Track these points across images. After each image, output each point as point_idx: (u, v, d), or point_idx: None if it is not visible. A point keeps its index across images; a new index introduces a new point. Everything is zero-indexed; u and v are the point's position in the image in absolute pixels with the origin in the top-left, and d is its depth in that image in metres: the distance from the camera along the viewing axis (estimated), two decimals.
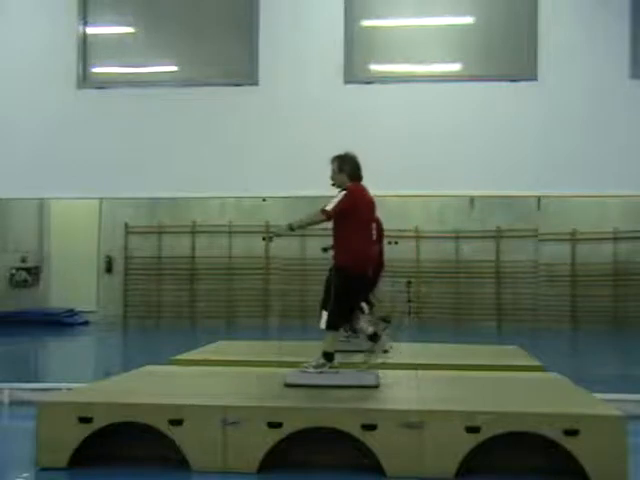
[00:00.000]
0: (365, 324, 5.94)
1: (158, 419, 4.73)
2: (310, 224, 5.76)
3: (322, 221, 5.59)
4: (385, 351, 6.25)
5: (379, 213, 6.21)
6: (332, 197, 5.67)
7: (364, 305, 6.84)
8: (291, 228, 5.59)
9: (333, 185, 5.80)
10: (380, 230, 7.28)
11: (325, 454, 4.82)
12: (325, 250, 6.61)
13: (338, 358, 5.81)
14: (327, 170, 5.81)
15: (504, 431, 4.55)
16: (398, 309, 8.08)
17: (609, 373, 9.88)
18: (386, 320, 7.64)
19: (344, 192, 5.63)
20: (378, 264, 7.45)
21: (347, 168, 5.74)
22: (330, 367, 5.66)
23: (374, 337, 5.86)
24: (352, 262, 5.62)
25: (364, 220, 5.75)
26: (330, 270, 6.24)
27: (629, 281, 17.28)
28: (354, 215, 5.61)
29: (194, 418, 4.72)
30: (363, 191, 5.79)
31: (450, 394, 5.36)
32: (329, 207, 5.54)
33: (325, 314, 5.78)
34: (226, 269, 18.20)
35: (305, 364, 5.70)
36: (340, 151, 5.81)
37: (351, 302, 5.75)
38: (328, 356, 5.66)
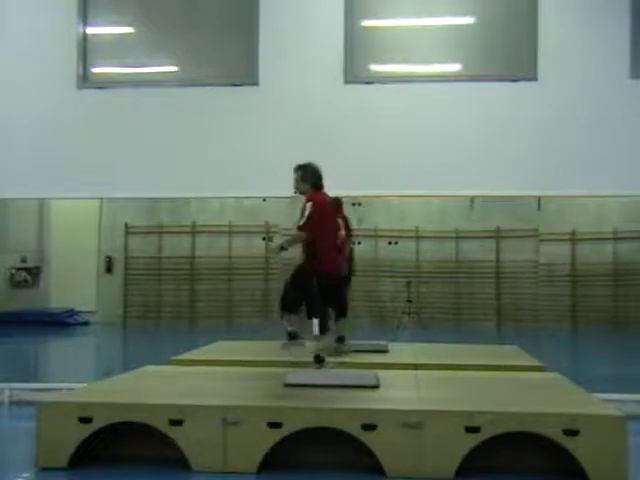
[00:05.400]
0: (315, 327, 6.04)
1: (158, 419, 4.73)
2: (296, 243, 6.07)
3: (305, 238, 5.92)
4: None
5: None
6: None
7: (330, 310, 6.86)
8: (282, 247, 6.01)
9: (296, 193, 6.16)
10: (347, 229, 7.58)
11: (325, 454, 4.82)
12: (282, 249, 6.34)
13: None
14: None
15: (504, 431, 4.55)
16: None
17: (609, 373, 9.88)
18: (341, 339, 7.47)
19: (309, 204, 5.94)
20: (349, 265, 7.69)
21: (309, 177, 6.09)
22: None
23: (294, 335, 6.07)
24: (320, 265, 5.98)
25: (328, 225, 6.19)
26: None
27: (629, 281, 17.29)
28: (320, 223, 5.97)
29: (194, 418, 4.72)
30: (324, 198, 6.17)
31: (450, 394, 5.36)
32: (302, 223, 5.88)
33: (316, 321, 5.91)
34: (226, 269, 18.21)
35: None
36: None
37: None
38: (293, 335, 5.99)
